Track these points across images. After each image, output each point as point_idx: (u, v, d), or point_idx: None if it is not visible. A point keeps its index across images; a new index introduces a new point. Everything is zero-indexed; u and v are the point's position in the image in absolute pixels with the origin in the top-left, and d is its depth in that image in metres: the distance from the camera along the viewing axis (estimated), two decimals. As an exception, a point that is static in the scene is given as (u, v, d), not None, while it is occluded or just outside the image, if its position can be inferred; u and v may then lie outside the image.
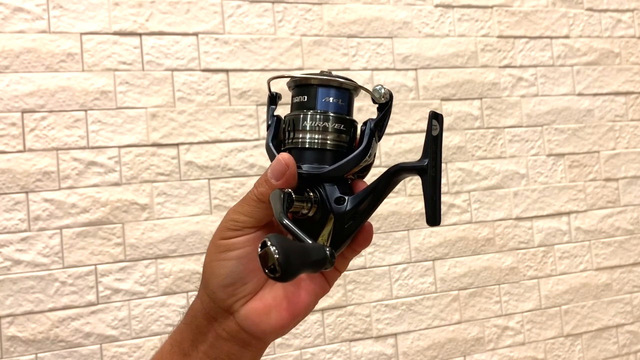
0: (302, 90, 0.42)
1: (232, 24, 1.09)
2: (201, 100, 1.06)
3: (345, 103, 0.42)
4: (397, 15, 1.20)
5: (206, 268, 0.40)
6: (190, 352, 0.40)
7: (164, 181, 1.03)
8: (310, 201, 0.40)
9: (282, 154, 0.39)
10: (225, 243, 0.39)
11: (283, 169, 0.38)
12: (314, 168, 0.40)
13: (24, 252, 0.96)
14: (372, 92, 0.42)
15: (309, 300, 0.41)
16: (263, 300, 0.39)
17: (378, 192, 0.40)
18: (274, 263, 0.30)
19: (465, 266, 1.20)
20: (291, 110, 0.43)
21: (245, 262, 0.39)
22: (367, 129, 0.41)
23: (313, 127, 0.41)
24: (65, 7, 1.00)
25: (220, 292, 0.39)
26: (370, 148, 0.41)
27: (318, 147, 0.41)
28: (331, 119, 0.41)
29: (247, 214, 0.39)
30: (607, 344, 1.29)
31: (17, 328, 0.94)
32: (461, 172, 1.21)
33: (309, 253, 0.33)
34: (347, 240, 0.40)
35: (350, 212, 0.39)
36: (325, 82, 0.41)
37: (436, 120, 0.38)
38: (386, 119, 0.42)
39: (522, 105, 1.27)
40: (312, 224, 0.40)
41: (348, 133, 0.42)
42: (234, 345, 0.39)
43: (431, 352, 1.16)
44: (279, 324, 0.39)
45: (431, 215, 0.38)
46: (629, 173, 1.33)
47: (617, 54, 1.35)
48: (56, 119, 0.99)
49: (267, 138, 0.43)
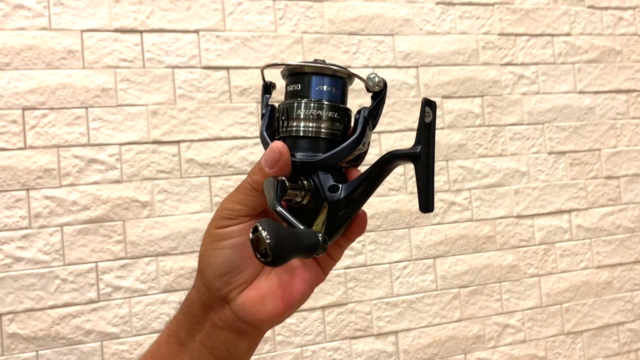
0: (295, 79, 0.42)
1: (233, 21, 1.09)
2: (202, 98, 1.06)
3: (339, 91, 0.42)
4: (398, 13, 1.19)
5: (202, 257, 0.40)
6: (186, 342, 0.40)
7: (165, 179, 1.03)
8: (304, 189, 0.40)
9: (276, 142, 0.39)
10: (220, 232, 0.39)
11: (276, 157, 0.38)
12: (307, 156, 0.40)
13: (24, 250, 0.96)
14: (366, 81, 0.41)
15: (305, 289, 0.41)
16: (259, 289, 0.40)
17: (371, 180, 0.40)
18: (265, 247, 0.31)
19: (466, 264, 1.20)
20: (285, 98, 0.42)
21: (241, 250, 0.39)
22: (360, 117, 0.41)
23: (307, 116, 0.40)
24: (66, 4, 1.00)
25: (216, 281, 0.39)
26: (364, 136, 0.41)
27: (312, 136, 0.40)
28: (325, 107, 0.41)
29: (242, 203, 0.39)
30: (608, 342, 1.29)
31: (17, 325, 0.95)
32: (462, 170, 1.21)
33: (301, 238, 0.33)
34: (341, 228, 0.40)
35: (344, 200, 0.39)
36: (319, 70, 0.41)
37: (429, 107, 0.38)
38: (380, 108, 0.42)
39: (523, 103, 1.27)
40: (306, 212, 0.40)
41: (342, 121, 0.41)
42: (230, 334, 0.40)
43: (432, 350, 1.16)
44: (275, 312, 0.40)
45: (424, 203, 0.38)
46: (630, 171, 1.33)
47: (618, 52, 1.35)
48: (57, 116, 0.99)
49: (262, 127, 0.43)
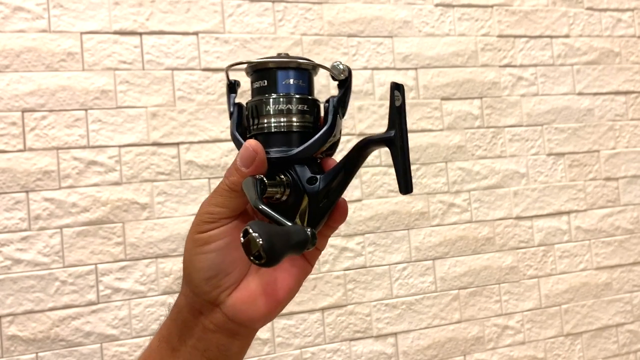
0: (261, 75, 0.42)
1: (233, 23, 1.09)
2: (201, 100, 1.06)
3: (306, 83, 0.42)
4: (398, 15, 1.20)
5: (186, 264, 0.40)
6: (178, 347, 0.40)
7: (164, 180, 1.03)
8: (283, 185, 0.40)
9: (249, 141, 0.39)
10: (203, 237, 0.39)
11: (252, 156, 0.38)
12: (282, 151, 0.40)
13: (24, 252, 0.96)
14: (331, 69, 0.42)
15: (293, 284, 0.41)
16: (248, 289, 0.40)
17: (348, 167, 0.40)
18: (259, 250, 0.31)
19: (465, 265, 1.20)
20: (252, 96, 0.42)
21: (225, 252, 0.39)
22: (330, 107, 0.41)
23: (276, 111, 0.40)
24: (65, 6, 1.00)
25: (204, 285, 0.39)
26: (335, 125, 0.41)
27: (284, 130, 0.41)
28: (294, 101, 0.41)
29: (221, 205, 0.39)
30: (607, 343, 1.29)
31: (17, 327, 0.95)
32: (461, 172, 1.21)
33: (291, 235, 0.33)
34: (323, 219, 0.40)
35: (323, 190, 0.39)
36: (283, 64, 0.41)
37: (397, 90, 0.38)
38: (347, 95, 0.42)
39: (522, 104, 1.27)
40: (287, 206, 0.40)
41: (312, 113, 0.42)
42: (222, 336, 0.40)
43: (431, 352, 1.16)
44: (266, 310, 0.40)
45: (404, 184, 0.38)
46: (629, 172, 1.33)
47: (617, 54, 1.35)
48: (56, 118, 0.99)
49: (231, 127, 0.43)
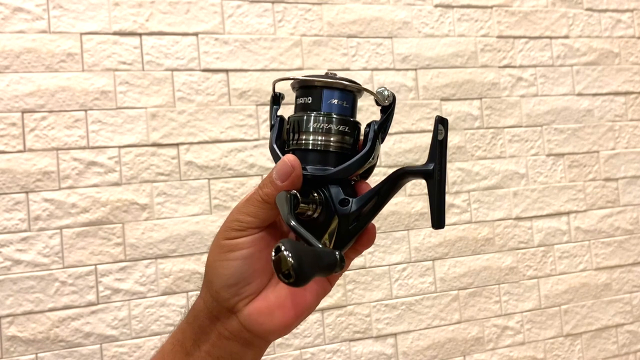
0: (306, 92, 0.42)
1: (232, 24, 1.09)
2: (201, 100, 1.06)
3: (350, 105, 0.42)
4: (397, 15, 1.20)
5: (209, 268, 0.40)
6: (192, 352, 0.40)
7: (164, 181, 1.03)
8: (315, 203, 0.40)
9: (288, 155, 0.39)
10: (229, 243, 0.39)
11: (289, 171, 0.38)
12: (318, 170, 0.40)
13: (24, 252, 0.96)
14: (376, 94, 0.42)
15: (312, 301, 0.41)
16: (267, 300, 0.40)
17: (382, 194, 0.40)
18: (289, 269, 0.31)
19: (465, 266, 1.20)
20: (295, 111, 0.43)
21: (249, 262, 0.39)
22: (370, 131, 0.41)
23: (317, 129, 0.41)
24: (65, 7, 1.00)
25: (224, 291, 0.39)
26: (374, 150, 0.41)
27: (322, 149, 0.41)
28: (335, 121, 0.41)
29: (252, 215, 0.39)
30: (607, 343, 1.29)
31: (17, 328, 0.95)
32: (461, 172, 1.21)
33: (321, 258, 0.33)
34: (350, 242, 0.40)
35: (354, 213, 0.39)
36: (330, 84, 0.41)
37: (442, 124, 0.39)
38: (389, 121, 0.42)
39: (521, 105, 1.27)
40: (317, 224, 0.40)
41: (352, 135, 0.42)
42: (236, 345, 0.40)
43: (431, 352, 1.16)
44: (283, 324, 0.40)
45: (437, 219, 0.38)
46: (629, 173, 1.34)
47: (616, 54, 1.36)
48: (56, 119, 0.99)
49: (271, 139, 0.43)
